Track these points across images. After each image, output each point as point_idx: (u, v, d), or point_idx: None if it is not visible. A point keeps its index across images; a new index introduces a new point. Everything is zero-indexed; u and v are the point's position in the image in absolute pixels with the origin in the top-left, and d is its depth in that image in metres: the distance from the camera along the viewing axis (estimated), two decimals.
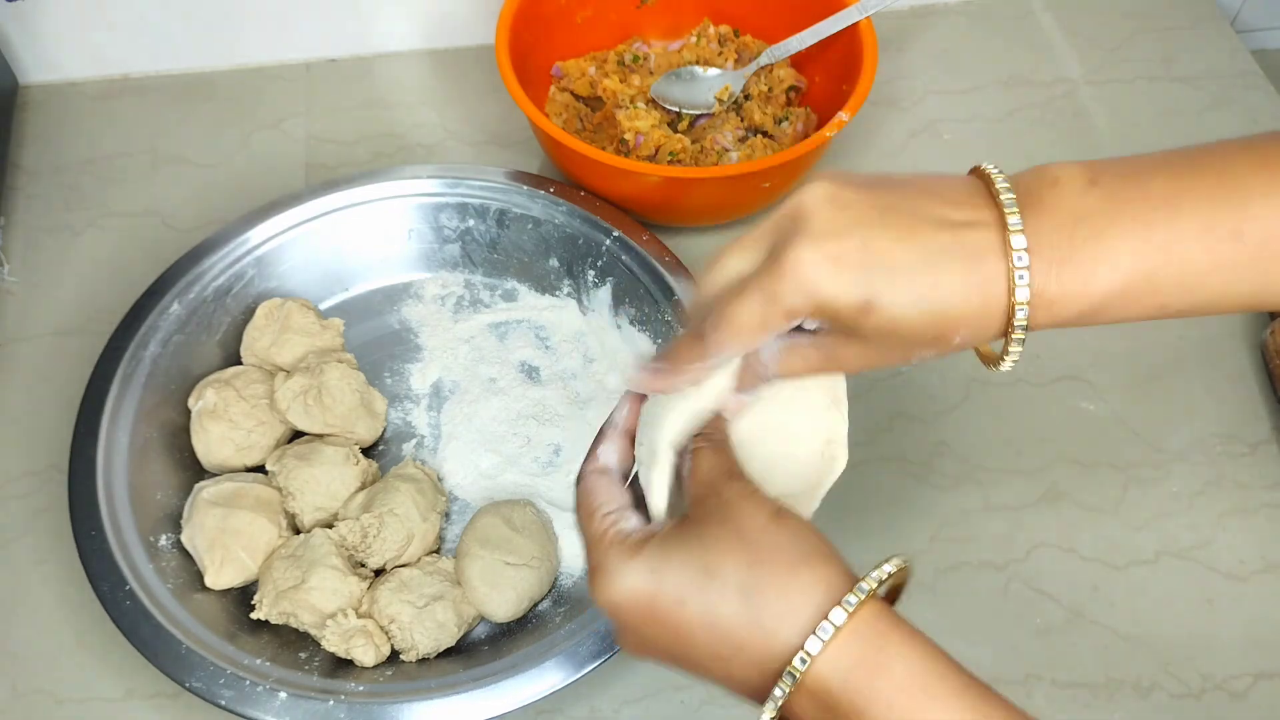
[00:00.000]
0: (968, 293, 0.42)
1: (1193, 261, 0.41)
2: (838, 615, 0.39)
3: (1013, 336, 0.42)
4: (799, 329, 0.45)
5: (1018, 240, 0.41)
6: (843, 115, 0.76)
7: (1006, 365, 0.44)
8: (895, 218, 0.42)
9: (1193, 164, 0.42)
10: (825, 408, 0.48)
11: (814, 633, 0.39)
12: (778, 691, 0.40)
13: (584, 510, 0.47)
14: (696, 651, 0.42)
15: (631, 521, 0.45)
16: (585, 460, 0.49)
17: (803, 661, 0.39)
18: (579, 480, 0.48)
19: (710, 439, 0.46)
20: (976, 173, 0.44)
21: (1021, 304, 0.41)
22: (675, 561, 0.42)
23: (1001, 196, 0.42)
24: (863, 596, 0.39)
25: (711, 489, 0.44)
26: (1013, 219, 0.41)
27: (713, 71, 0.86)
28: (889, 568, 0.41)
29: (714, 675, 0.42)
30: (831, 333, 0.44)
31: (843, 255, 0.41)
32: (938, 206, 0.43)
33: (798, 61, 0.86)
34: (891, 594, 0.43)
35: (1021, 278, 0.41)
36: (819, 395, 0.48)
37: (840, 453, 0.48)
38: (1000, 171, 0.43)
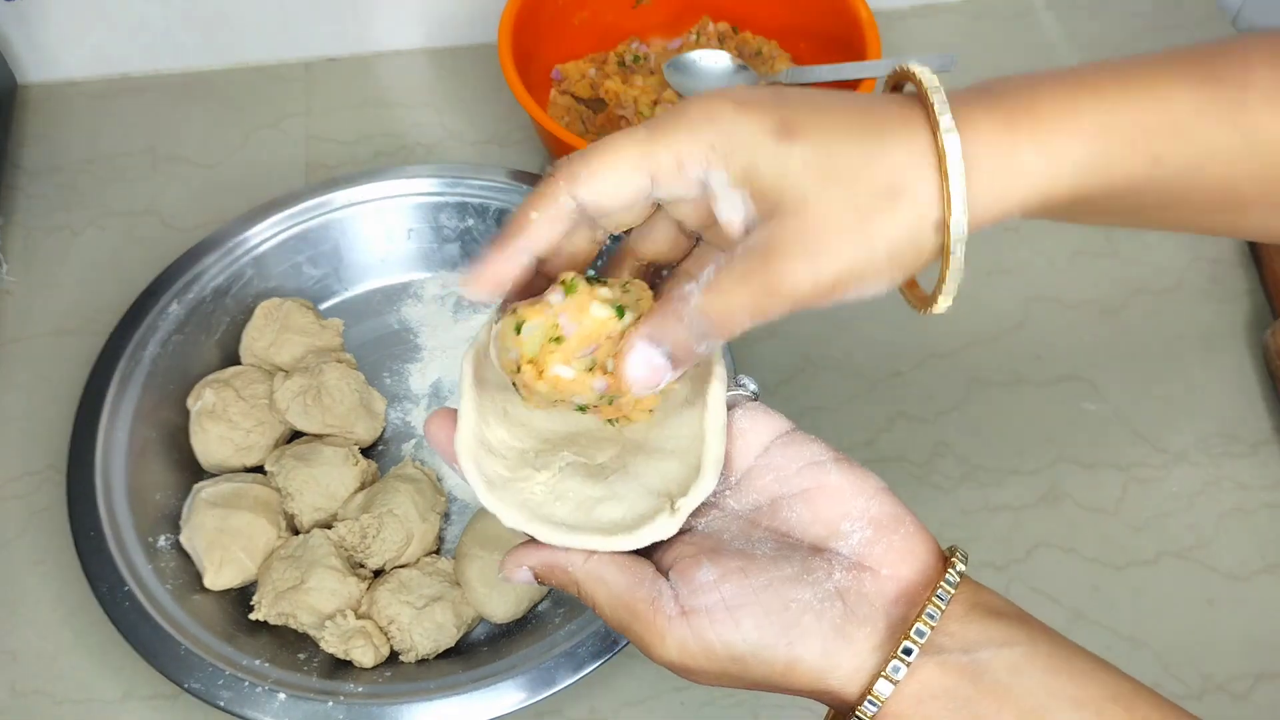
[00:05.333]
0: (904, 143, 0.36)
1: (1178, 102, 0.37)
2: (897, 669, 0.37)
3: (952, 213, 0.35)
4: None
5: (942, 109, 0.35)
6: None
7: (943, 300, 0.38)
8: (819, 95, 0.38)
9: (1131, 60, 0.39)
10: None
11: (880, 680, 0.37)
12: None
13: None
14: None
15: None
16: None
17: (874, 705, 0.37)
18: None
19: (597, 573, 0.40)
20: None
21: (955, 161, 0.35)
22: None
23: (923, 81, 0.37)
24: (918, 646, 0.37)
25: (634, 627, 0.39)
26: (937, 97, 0.36)
27: (723, 66, 0.85)
28: (920, 628, 0.38)
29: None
30: (757, 239, 0.36)
31: (755, 97, 0.36)
32: (865, 96, 0.38)
33: (800, 56, 0.86)
34: None
35: (952, 136, 0.35)
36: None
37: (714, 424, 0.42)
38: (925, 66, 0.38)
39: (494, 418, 0.43)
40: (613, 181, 0.37)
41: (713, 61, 0.86)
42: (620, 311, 0.39)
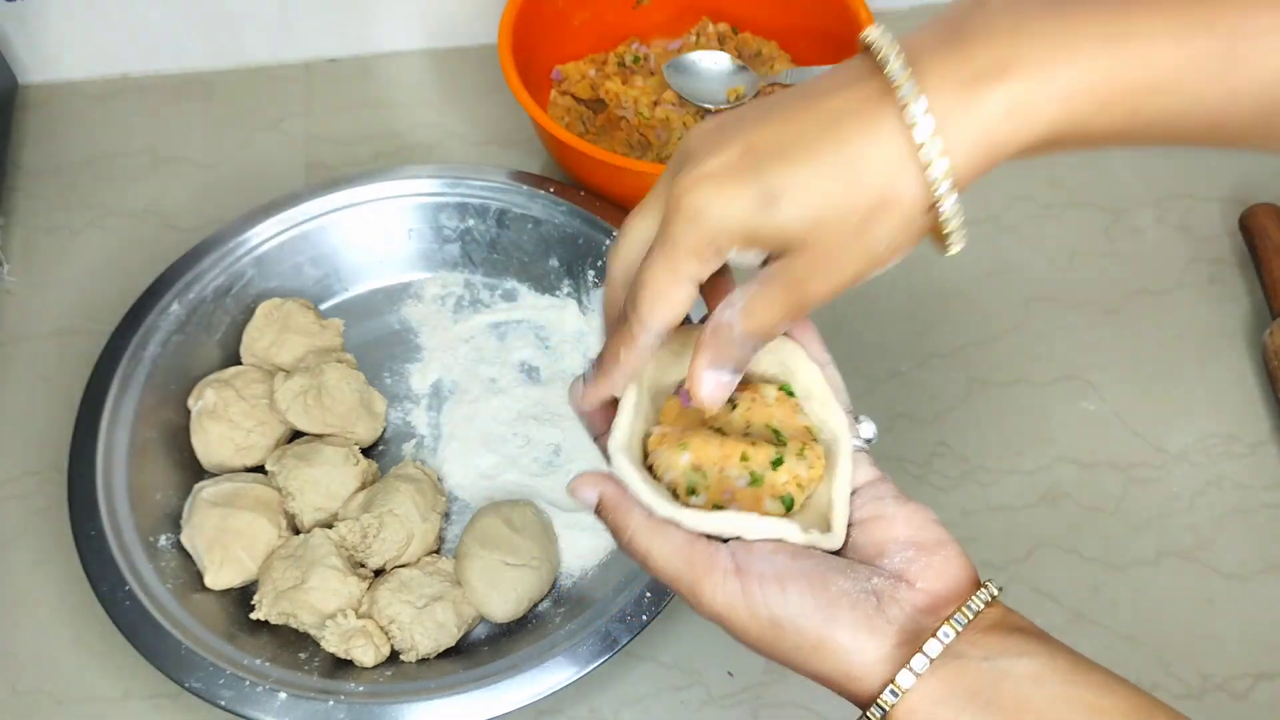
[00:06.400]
0: (874, 145, 0.37)
1: (1162, 58, 0.36)
2: (919, 662, 0.40)
3: (937, 191, 0.37)
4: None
5: (901, 78, 0.37)
6: None
7: (955, 242, 0.39)
8: (778, 111, 0.39)
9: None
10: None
11: (894, 683, 0.40)
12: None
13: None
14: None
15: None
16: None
17: (894, 694, 0.40)
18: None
19: (646, 529, 0.43)
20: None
21: (929, 139, 0.36)
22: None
23: (875, 42, 0.38)
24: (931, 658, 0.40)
25: (694, 598, 0.43)
26: (894, 62, 0.37)
27: (723, 67, 0.85)
28: (947, 630, 0.40)
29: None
30: (774, 262, 0.40)
31: (726, 165, 0.39)
32: (824, 83, 0.39)
33: (800, 56, 0.86)
34: None
35: (925, 116, 0.36)
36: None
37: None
38: (884, 31, 0.39)
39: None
40: (676, 308, 0.41)
41: (713, 62, 0.86)
42: (788, 504, 0.44)
